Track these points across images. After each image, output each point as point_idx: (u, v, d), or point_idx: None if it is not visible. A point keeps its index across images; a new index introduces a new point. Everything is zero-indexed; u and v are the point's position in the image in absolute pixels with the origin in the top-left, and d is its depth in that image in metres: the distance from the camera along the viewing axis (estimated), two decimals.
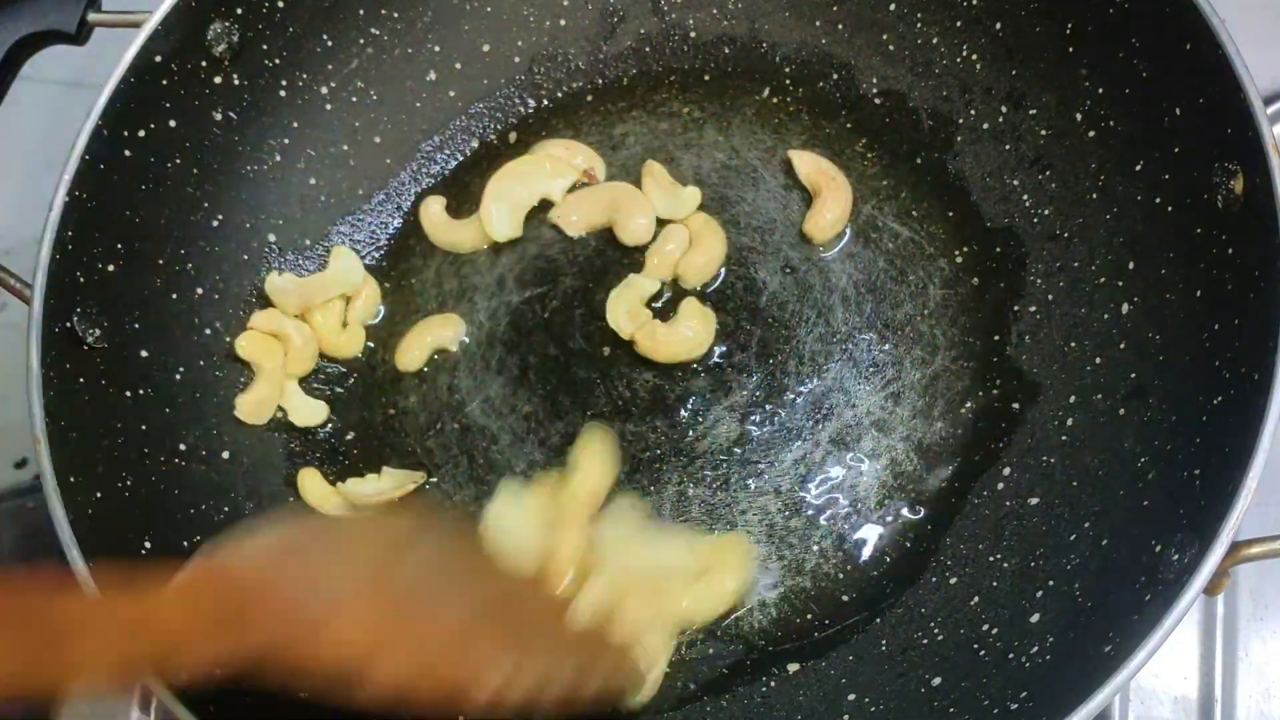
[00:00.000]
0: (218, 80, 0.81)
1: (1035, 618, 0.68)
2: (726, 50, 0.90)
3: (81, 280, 0.74)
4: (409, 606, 0.57)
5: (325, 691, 0.54)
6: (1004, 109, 0.82)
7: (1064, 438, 0.74)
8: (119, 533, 0.70)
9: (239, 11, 0.81)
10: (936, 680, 0.69)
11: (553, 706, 0.59)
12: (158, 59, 0.77)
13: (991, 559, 0.73)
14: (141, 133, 0.77)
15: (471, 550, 0.66)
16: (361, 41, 0.87)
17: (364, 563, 0.58)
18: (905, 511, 0.77)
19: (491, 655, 0.58)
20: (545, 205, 0.87)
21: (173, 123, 0.79)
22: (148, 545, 0.71)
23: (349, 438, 0.84)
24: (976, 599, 0.72)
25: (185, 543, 0.74)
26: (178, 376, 0.79)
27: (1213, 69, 0.67)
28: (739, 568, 0.76)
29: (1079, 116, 0.78)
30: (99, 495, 0.70)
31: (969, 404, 0.79)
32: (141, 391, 0.76)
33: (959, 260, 0.82)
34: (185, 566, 0.54)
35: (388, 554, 0.59)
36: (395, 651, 0.55)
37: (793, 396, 0.80)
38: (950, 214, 0.83)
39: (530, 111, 0.91)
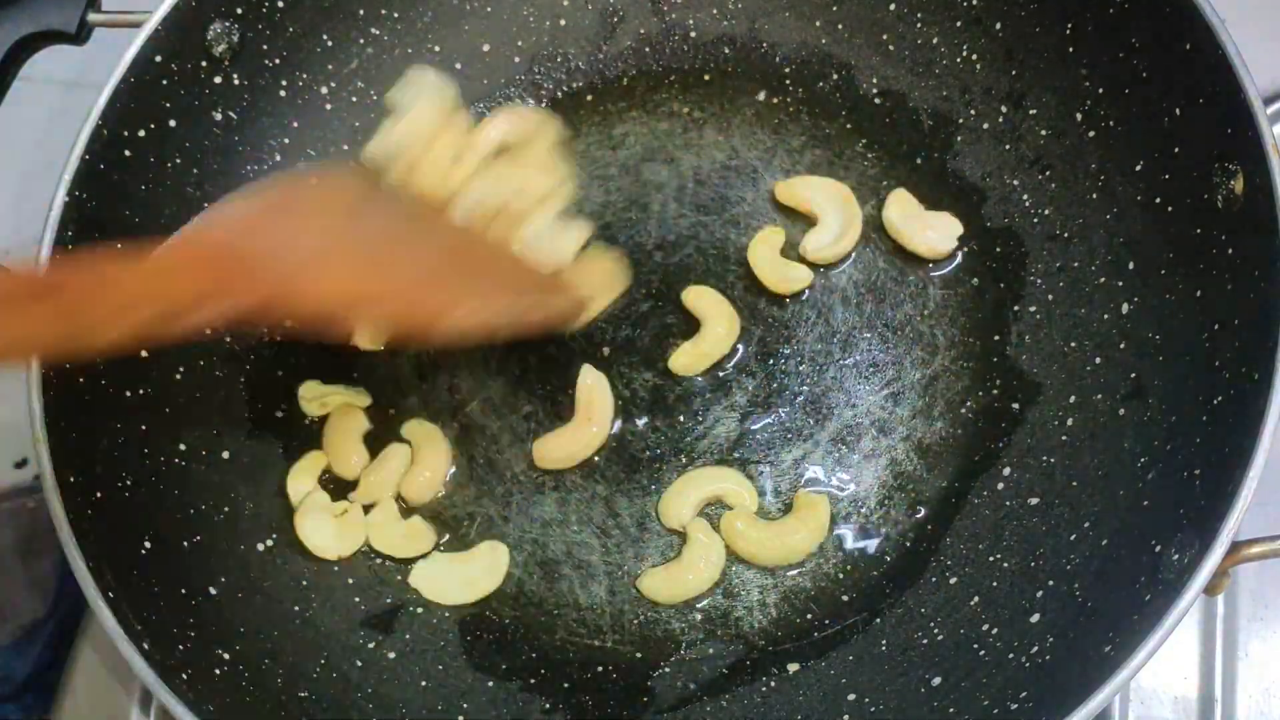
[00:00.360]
0: (218, 80, 0.81)
1: (1035, 618, 0.68)
2: (726, 50, 0.90)
3: None
4: (380, 249, 0.65)
5: (316, 332, 0.61)
6: (1004, 109, 0.82)
7: (1064, 438, 0.74)
8: (119, 533, 0.70)
9: (239, 11, 0.81)
10: (936, 680, 0.69)
11: (511, 327, 0.72)
12: (158, 59, 0.77)
13: (991, 559, 0.73)
14: (141, 133, 0.77)
15: (412, 205, 0.75)
16: (361, 41, 0.87)
17: (333, 215, 0.64)
18: (905, 511, 0.77)
19: (455, 285, 0.68)
20: None
21: (173, 123, 0.79)
22: (148, 545, 0.71)
23: None
24: (976, 599, 0.72)
25: (185, 543, 0.74)
26: (178, 376, 0.79)
27: (1213, 69, 0.67)
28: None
29: (1079, 116, 0.78)
30: (99, 495, 0.70)
31: (969, 404, 0.79)
32: (141, 391, 0.76)
33: (959, 260, 0.82)
34: (170, 238, 0.60)
35: (352, 206, 0.66)
36: (374, 289, 0.63)
37: (792, 396, 0.80)
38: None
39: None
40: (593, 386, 0.80)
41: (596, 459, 0.80)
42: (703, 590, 0.76)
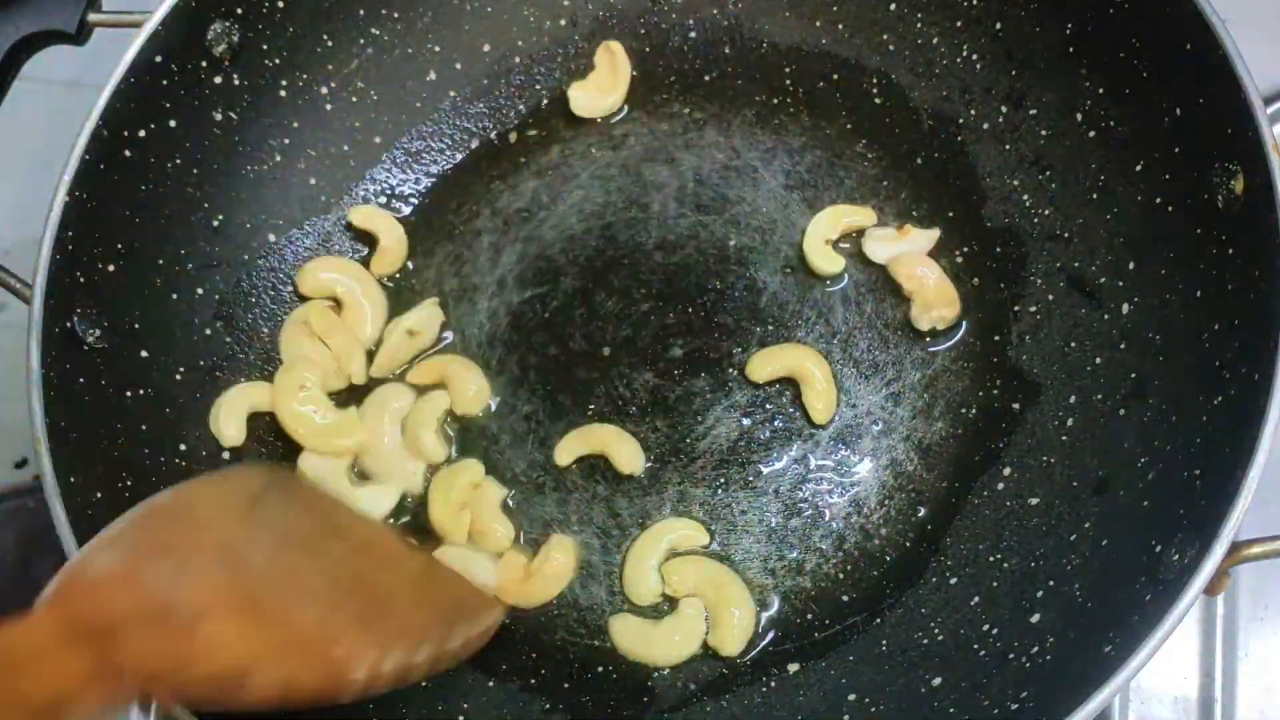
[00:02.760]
0: (218, 80, 0.81)
1: (1035, 618, 0.68)
2: (727, 50, 0.90)
3: (81, 280, 0.74)
4: (272, 586, 0.55)
5: (210, 703, 0.54)
6: (1004, 109, 0.82)
7: (1064, 438, 0.74)
8: None
9: (239, 12, 0.81)
10: (937, 680, 0.69)
11: (428, 666, 0.61)
12: (158, 59, 0.77)
13: (992, 559, 0.73)
14: (142, 133, 0.77)
15: (314, 505, 0.65)
16: (362, 42, 0.87)
17: (218, 545, 0.55)
18: (905, 511, 0.77)
19: (360, 627, 0.57)
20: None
21: (173, 123, 0.79)
22: None
23: None
24: (977, 599, 0.72)
25: None
26: (178, 376, 0.79)
27: (1213, 69, 0.67)
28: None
29: (1079, 116, 0.78)
30: (99, 495, 0.70)
31: (969, 404, 0.79)
32: (141, 391, 0.76)
33: (959, 260, 0.82)
34: (40, 599, 0.52)
35: (238, 525, 0.56)
36: (272, 648, 0.54)
37: (793, 397, 0.80)
38: (950, 214, 0.83)
39: (531, 112, 0.91)
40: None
41: (597, 460, 0.80)
42: (671, 662, 0.73)
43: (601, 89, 0.89)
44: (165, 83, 0.78)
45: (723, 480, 0.79)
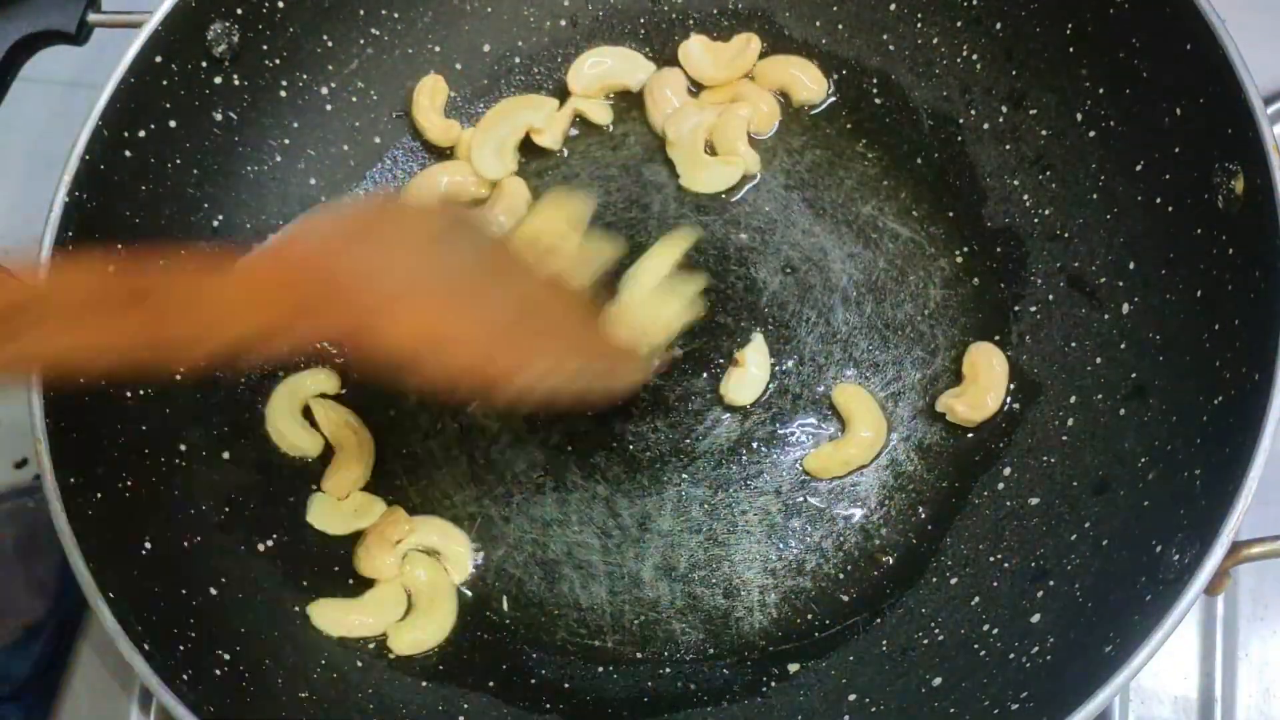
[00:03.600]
0: (218, 80, 0.81)
1: (1036, 618, 0.68)
2: None
3: None
4: (463, 292, 0.62)
5: (384, 374, 0.58)
6: (1004, 109, 0.82)
7: (1064, 438, 0.74)
8: (119, 533, 0.70)
9: (239, 12, 0.80)
10: (937, 680, 0.69)
11: (572, 394, 0.68)
12: (158, 59, 0.77)
13: (992, 559, 0.73)
14: (142, 133, 0.77)
15: (495, 249, 0.71)
16: (362, 42, 0.87)
17: (418, 248, 0.62)
18: (906, 511, 0.77)
19: (527, 346, 0.65)
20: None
21: (173, 123, 0.79)
22: (148, 545, 0.71)
23: None
24: (977, 599, 0.72)
25: (185, 543, 0.74)
26: (178, 376, 0.79)
27: (1213, 69, 0.67)
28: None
29: (1079, 116, 0.78)
30: (99, 495, 0.70)
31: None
32: (141, 391, 0.76)
33: (959, 260, 0.82)
34: (251, 254, 0.59)
35: (435, 240, 0.63)
36: (448, 338, 0.60)
37: (793, 397, 0.80)
38: (950, 214, 0.83)
39: None
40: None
41: (597, 459, 0.80)
42: None
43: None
44: (165, 83, 0.78)
45: (723, 480, 0.79)
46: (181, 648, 0.68)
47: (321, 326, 0.57)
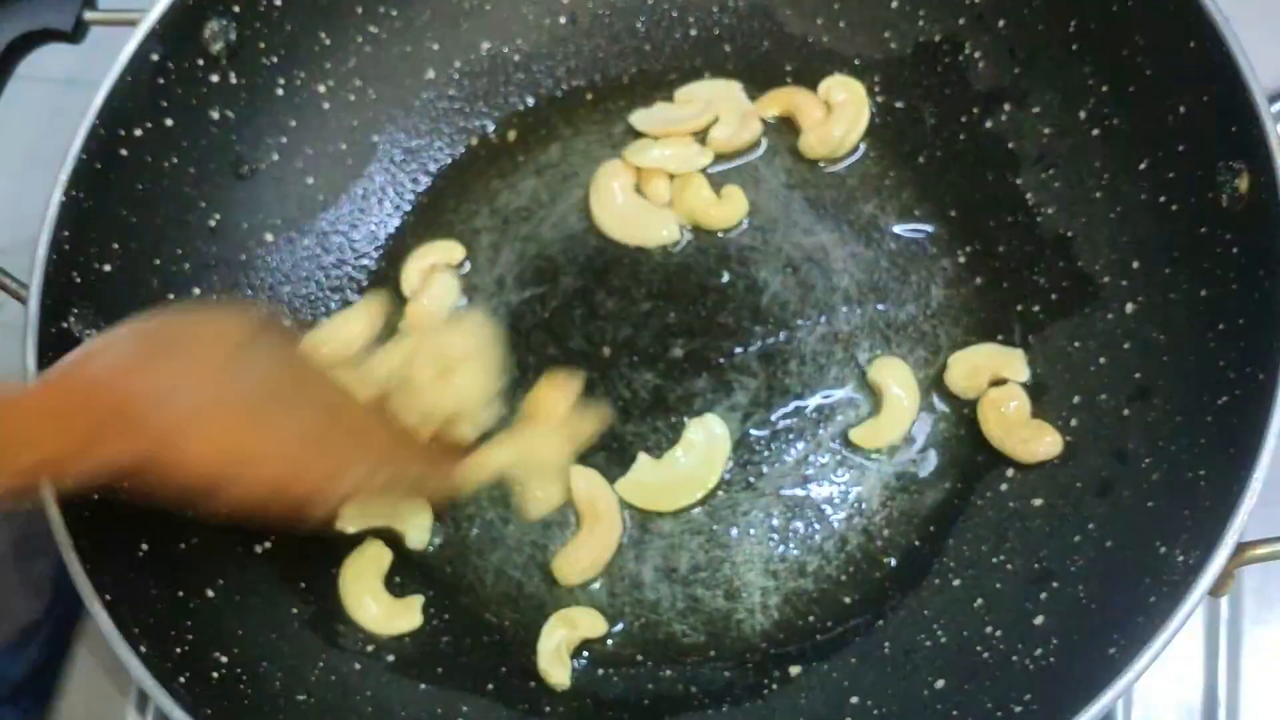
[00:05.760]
0: (215, 79, 0.81)
1: (1039, 620, 0.68)
2: (727, 48, 0.90)
3: (78, 280, 0.73)
4: (264, 406, 0.61)
5: (188, 502, 0.57)
6: (1007, 107, 0.82)
7: (1069, 438, 0.74)
8: (116, 534, 0.70)
9: (236, 9, 0.80)
10: (940, 683, 0.69)
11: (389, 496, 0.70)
12: (154, 57, 0.77)
13: (995, 561, 0.73)
14: (138, 132, 0.77)
15: (298, 358, 0.70)
16: (359, 40, 0.87)
17: (217, 362, 0.60)
18: (908, 513, 0.76)
19: (337, 457, 0.64)
20: None
21: (169, 121, 0.79)
22: (145, 547, 0.71)
23: None
24: (980, 601, 0.71)
25: (182, 544, 0.73)
26: None
27: (1217, 67, 0.66)
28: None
29: (1082, 115, 0.78)
30: (95, 496, 0.69)
31: (972, 404, 0.78)
32: None
33: (962, 260, 0.82)
34: (41, 376, 0.57)
35: (236, 353, 0.61)
36: (253, 459, 0.59)
37: (794, 397, 0.80)
38: (953, 213, 0.83)
39: (530, 110, 0.91)
40: (589, 489, 0.78)
41: (597, 460, 0.79)
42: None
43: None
44: (162, 81, 0.78)
45: (724, 481, 0.78)
46: (178, 650, 0.68)
47: (115, 453, 0.55)
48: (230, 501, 0.58)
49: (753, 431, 0.79)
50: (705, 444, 0.78)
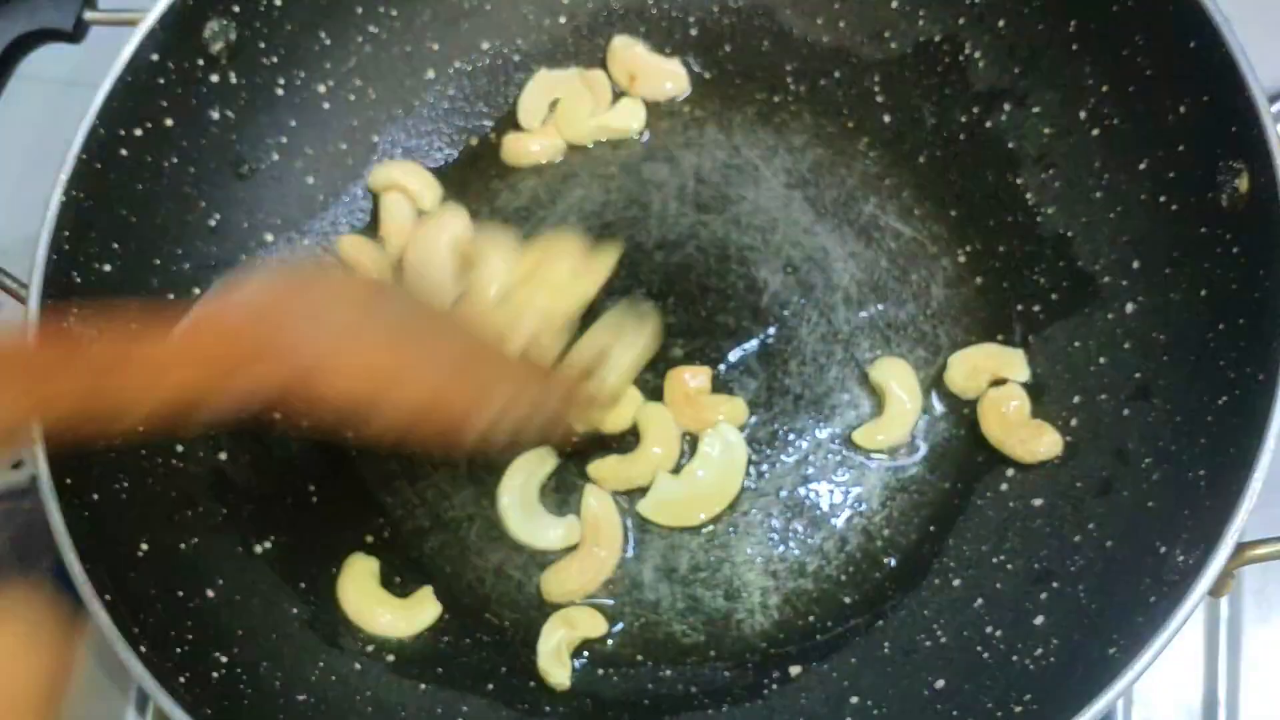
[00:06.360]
0: (215, 79, 0.81)
1: (1039, 620, 0.68)
2: (727, 47, 0.90)
3: (78, 280, 0.73)
4: (402, 344, 0.63)
5: (336, 426, 0.59)
6: (1007, 106, 0.82)
7: (1068, 438, 0.74)
8: (116, 535, 0.70)
9: (236, 9, 0.80)
10: (940, 683, 0.69)
11: (534, 434, 0.71)
12: (154, 57, 0.77)
13: (995, 561, 0.73)
14: (138, 132, 0.77)
15: (425, 303, 0.74)
16: (360, 40, 0.87)
17: (351, 306, 0.62)
18: (908, 513, 0.76)
19: (476, 383, 0.66)
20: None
21: (169, 121, 0.79)
22: (145, 547, 0.71)
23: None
24: (980, 601, 0.71)
25: (182, 545, 0.73)
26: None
27: (1217, 67, 0.66)
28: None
29: (1082, 115, 0.78)
30: (95, 497, 0.70)
31: (972, 404, 0.78)
32: None
33: (962, 260, 0.82)
34: (190, 314, 0.57)
35: (368, 300, 0.64)
36: (398, 387, 0.60)
37: (795, 397, 0.80)
38: (953, 213, 0.83)
39: None
40: (599, 510, 0.77)
41: (597, 460, 0.79)
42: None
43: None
44: (162, 81, 0.77)
45: None
46: (178, 650, 0.68)
47: (262, 380, 0.56)
48: (380, 424, 0.60)
49: (753, 432, 0.79)
50: (722, 455, 0.77)
